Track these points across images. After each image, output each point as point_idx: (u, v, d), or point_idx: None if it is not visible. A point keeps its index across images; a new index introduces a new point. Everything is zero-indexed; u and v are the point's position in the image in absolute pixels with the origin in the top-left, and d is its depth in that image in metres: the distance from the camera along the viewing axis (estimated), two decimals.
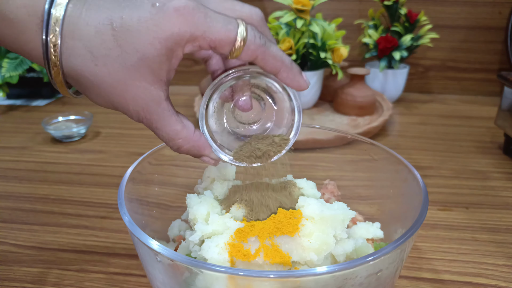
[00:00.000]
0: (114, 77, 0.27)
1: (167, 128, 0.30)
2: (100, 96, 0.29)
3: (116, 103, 0.29)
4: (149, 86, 0.28)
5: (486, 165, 0.70)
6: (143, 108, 0.29)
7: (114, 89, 0.28)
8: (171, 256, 0.26)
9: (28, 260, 0.46)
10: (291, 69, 0.31)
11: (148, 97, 0.29)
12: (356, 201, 0.45)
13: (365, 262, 0.25)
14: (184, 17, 0.26)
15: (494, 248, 0.48)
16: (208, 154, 0.33)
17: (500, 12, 1.07)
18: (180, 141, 0.31)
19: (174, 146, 0.31)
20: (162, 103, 0.29)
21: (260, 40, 0.29)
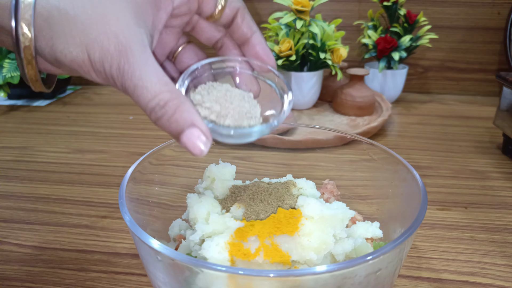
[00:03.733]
0: (97, 9, 0.24)
1: (154, 76, 0.25)
2: (74, 36, 0.24)
3: (93, 43, 0.24)
4: (133, 25, 0.25)
5: (485, 165, 0.70)
6: (126, 48, 0.24)
7: (95, 22, 0.24)
8: (171, 256, 0.26)
9: (29, 259, 0.46)
10: (262, 38, 0.32)
11: (133, 36, 0.25)
12: (356, 201, 0.46)
13: (365, 261, 0.25)
14: None
15: (493, 247, 0.48)
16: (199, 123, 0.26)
17: (499, 12, 1.07)
18: (167, 94, 0.25)
19: (161, 101, 0.25)
20: (147, 47, 0.25)
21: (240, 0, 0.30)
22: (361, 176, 0.47)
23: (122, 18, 0.25)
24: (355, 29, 1.10)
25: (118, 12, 0.25)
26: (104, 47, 0.24)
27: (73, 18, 0.24)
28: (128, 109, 1.01)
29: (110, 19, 0.24)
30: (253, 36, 0.32)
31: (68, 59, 0.25)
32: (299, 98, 0.92)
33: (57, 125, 0.90)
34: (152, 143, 0.78)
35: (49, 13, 0.24)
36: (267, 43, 0.33)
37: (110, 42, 0.24)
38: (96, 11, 0.24)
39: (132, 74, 0.24)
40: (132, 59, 0.24)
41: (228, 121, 0.29)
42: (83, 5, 0.24)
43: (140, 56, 0.25)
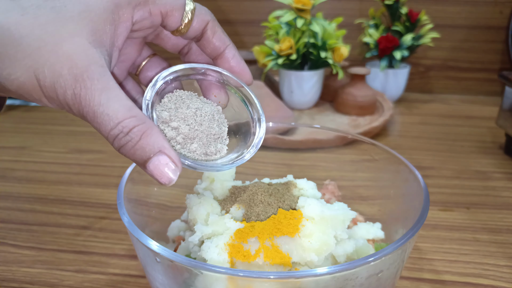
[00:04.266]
0: (47, 28, 0.21)
1: (115, 101, 0.22)
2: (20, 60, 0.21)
3: (43, 66, 0.21)
4: (89, 45, 0.22)
5: (487, 165, 0.69)
6: (82, 71, 0.21)
7: (44, 43, 0.21)
8: (170, 257, 0.25)
9: (27, 260, 0.45)
10: (236, 51, 0.30)
11: (90, 57, 0.22)
12: (357, 202, 0.45)
13: (366, 262, 0.25)
14: None
15: (495, 248, 0.48)
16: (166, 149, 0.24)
17: (501, 11, 1.06)
18: (131, 120, 0.22)
19: (124, 128, 0.22)
20: (106, 69, 0.23)
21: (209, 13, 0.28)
22: (363, 177, 0.47)
23: (76, 38, 0.22)
24: (356, 28, 1.09)
25: (71, 31, 0.22)
26: (56, 71, 0.21)
27: (18, 39, 0.21)
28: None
29: (62, 39, 0.22)
30: (226, 49, 0.30)
31: (14, 85, 0.22)
32: (300, 97, 0.92)
33: (55, 125, 0.90)
34: None
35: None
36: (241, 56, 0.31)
37: (63, 65, 0.21)
38: (45, 31, 0.22)
39: (91, 100, 0.22)
40: (90, 83, 0.22)
41: (195, 145, 0.28)
42: (31, 24, 0.21)
43: (99, 79, 0.22)
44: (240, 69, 0.30)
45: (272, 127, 0.63)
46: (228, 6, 1.16)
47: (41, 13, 0.22)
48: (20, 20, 0.21)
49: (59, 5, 0.22)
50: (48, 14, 0.22)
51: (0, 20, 0.21)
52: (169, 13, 0.26)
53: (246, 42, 1.18)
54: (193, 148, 0.28)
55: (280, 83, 0.93)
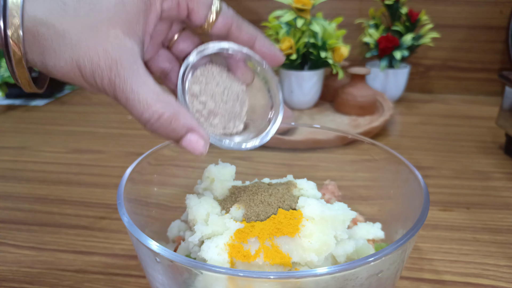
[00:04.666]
0: (85, 22, 0.24)
1: (145, 88, 0.25)
2: (63, 52, 0.24)
3: (83, 58, 0.24)
4: (124, 36, 0.25)
5: (487, 166, 0.69)
6: (117, 62, 0.24)
7: (84, 37, 0.24)
8: (170, 257, 0.25)
9: (27, 260, 0.45)
10: (265, 40, 0.31)
11: (123, 49, 0.25)
12: (357, 202, 0.45)
13: (366, 263, 0.25)
14: None
15: (495, 248, 0.48)
16: (195, 128, 0.27)
17: (501, 11, 1.06)
18: (160, 106, 0.25)
19: (154, 114, 0.25)
20: (138, 58, 0.25)
21: (234, 12, 0.30)
22: (363, 177, 0.47)
23: (112, 31, 0.25)
24: (357, 28, 1.09)
25: (107, 25, 0.25)
26: (94, 62, 0.24)
27: (61, 33, 0.24)
28: None
29: (99, 33, 0.24)
30: (256, 42, 0.32)
31: (59, 73, 0.25)
32: (300, 97, 0.92)
33: (55, 125, 0.90)
34: (151, 143, 0.78)
35: (37, 28, 0.24)
36: None
37: (100, 57, 0.24)
38: (84, 25, 0.24)
39: (124, 87, 0.25)
40: (122, 72, 0.24)
41: (217, 120, 0.30)
42: (72, 19, 0.24)
43: (130, 68, 0.25)
44: (272, 53, 0.32)
45: None
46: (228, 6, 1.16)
47: (81, 8, 0.24)
48: (63, 15, 0.24)
49: (96, 5, 0.24)
50: (87, 8, 0.24)
51: (46, 16, 0.24)
52: (195, 8, 0.28)
53: None
54: (215, 123, 0.30)
55: (280, 83, 0.93)
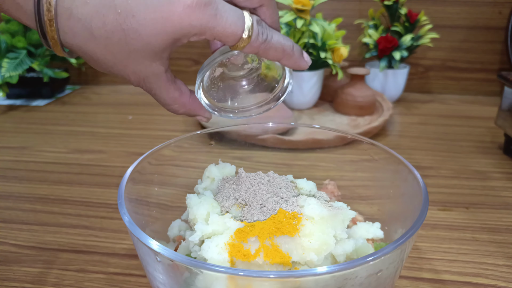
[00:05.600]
0: (116, 56, 0.28)
1: (165, 95, 0.32)
2: (99, 67, 0.29)
3: (116, 73, 0.30)
4: (150, 63, 0.29)
5: (486, 165, 0.70)
6: (143, 79, 0.30)
7: (115, 65, 0.29)
8: (171, 256, 0.26)
9: (28, 260, 0.45)
10: (291, 56, 0.32)
11: (149, 72, 0.30)
12: (356, 201, 0.45)
13: (365, 262, 0.25)
14: (195, 14, 0.26)
15: (494, 248, 0.48)
16: (202, 113, 0.36)
17: (500, 12, 1.07)
18: (177, 106, 0.33)
19: (171, 110, 0.34)
20: (162, 75, 0.31)
21: (263, 36, 0.30)
22: (362, 177, 0.47)
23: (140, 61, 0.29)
24: (356, 29, 1.10)
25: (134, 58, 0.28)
26: (125, 77, 0.30)
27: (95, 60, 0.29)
28: (127, 109, 1.01)
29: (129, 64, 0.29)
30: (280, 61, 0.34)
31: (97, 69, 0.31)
32: (300, 97, 0.92)
33: (56, 125, 0.90)
34: (151, 143, 0.78)
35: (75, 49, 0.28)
36: None
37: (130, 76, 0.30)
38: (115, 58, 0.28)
39: (149, 92, 0.32)
40: (149, 85, 0.31)
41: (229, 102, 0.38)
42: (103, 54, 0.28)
43: (154, 83, 0.31)
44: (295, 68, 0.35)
45: (272, 127, 0.64)
46: None
47: (111, 44, 0.27)
48: (94, 49, 0.27)
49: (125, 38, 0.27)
50: (115, 45, 0.27)
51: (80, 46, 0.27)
52: (223, 40, 0.29)
53: None
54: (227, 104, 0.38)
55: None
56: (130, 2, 0.25)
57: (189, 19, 0.26)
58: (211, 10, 0.27)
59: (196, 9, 0.26)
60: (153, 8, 0.26)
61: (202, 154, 0.47)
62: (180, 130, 0.87)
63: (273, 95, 0.38)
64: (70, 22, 0.26)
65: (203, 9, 0.26)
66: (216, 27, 0.27)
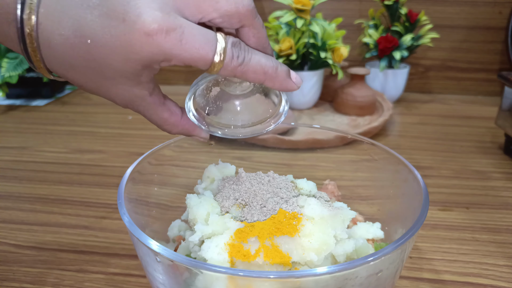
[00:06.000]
0: (96, 83, 0.29)
1: (154, 117, 0.32)
2: (86, 90, 0.30)
3: (103, 96, 0.30)
4: (130, 88, 0.29)
5: (486, 165, 0.70)
6: (129, 102, 0.30)
7: (99, 89, 0.29)
8: (170, 257, 0.26)
9: (28, 260, 0.45)
10: (275, 78, 0.30)
11: (132, 95, 0.30)
12: (357, 201, 0.45)
13: (366, 262, 0.25)
14: (155, 42, 0.25)
15: (495, 248, 0.48)
16: (197, 134, 0.35)
17: (501, 12, 1.07)
18: (168, 126, 0.33)
19: (164, 130, 0.34)
20: (146, 98, 0.30)
21: (238, 59, 0.28)
22: (362, 177, 0.47)
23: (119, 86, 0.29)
24: (356, 28, 1.10)
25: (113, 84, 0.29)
26: (111, 100, 0.30)
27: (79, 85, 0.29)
28: (127, 109, 1.01)
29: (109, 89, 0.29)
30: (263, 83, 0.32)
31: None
32: (300, 97, 0.92)
33: (55, 125, 0.90)
34: (151, 143, 0.78)
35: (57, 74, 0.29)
36: None
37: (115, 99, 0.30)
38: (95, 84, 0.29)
39: (138, 112, 0.32)
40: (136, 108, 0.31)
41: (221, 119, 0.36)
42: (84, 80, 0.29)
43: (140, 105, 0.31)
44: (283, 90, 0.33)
45: None
46: None
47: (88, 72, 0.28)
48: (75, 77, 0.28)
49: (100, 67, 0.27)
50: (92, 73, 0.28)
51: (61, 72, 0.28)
52: (193, 65, 0.28)
53: None
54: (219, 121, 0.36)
55: None
56: (98, 32, 0.25)
57: (149, 48, 0.25)
58: (175, 36, 0.25)
59: (156, 37, 0.25)
60: (116, 37, 0.25)
61: (202, 154, 0.47)
62: None
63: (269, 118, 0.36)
64: (51, 52, 0.27)
65: (164, 36, 0.25)
66: (183, 53, 0.26)
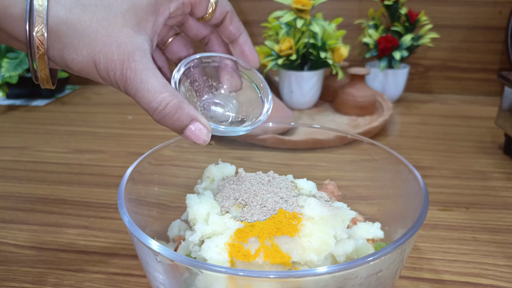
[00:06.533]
0: (102, 23, 0.27)
1: (154, 79, 0.28)
2: (81, 48, 0.27)
3: (99, 53, 0.27)
4: (134, 34, 0.28)
5: (486, 165, 0.70)
6: (128, 56, 0.27)
7: (100, 35, 0.27)
8: (171, 257, 0.26)
9: (28, 260, 0.45)
10: (249, 38, 0.35)
11: (134, 45, 0.28)
12: (357, 201, 0.45)
13: (366, 262, 0.25)
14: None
15: (495, 248, 0.48)
16: (199, 118, 0.30)
17: (501, 12, 1.07)
18: (167, 94, 0.28)
19: (162, 102, 0.28)
20: (147, 53, 0.29)
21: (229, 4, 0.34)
22: (362, 177, 0.47)
23: (124, 30, 0.28)
24: (356, 28, 1.10)
25: (120, 25, 0.28)
26: (109, 57, 0.27)
27: (81, 32, 0.27)
28: (127, 109, 1.01)
29: (113, 32, 0.27)
30: (240, 36, 0.35)
31: (77, 67, 0.28)
32: (300, 97, 0.92)
33: (55, 125, 0.90)
34: (151, 143, 0.78)
35: (59, 27, 0.27)
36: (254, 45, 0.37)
37: (114, 52, 0.27)
38: (101, 25, 0.27)
39: (134, 79, 0.28)
40: (133, 65, 0.28)
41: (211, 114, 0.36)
42: (90, 19, 0.27)
43: (140, 62, 0.28)
44: (250, 53, 0.36)
45: (272, 127, 0.64)
46: None
47: (98, 10, 0.27)
48: (82, 16, 0.27)
49: (112, 3, 0.28)
50: (103, 11, 0.27)
51: (67, 16, 0.27)
52: (197, 3, 0.32)
53: None
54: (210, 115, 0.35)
55: (280, 84, 0.94)
56: None
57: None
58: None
59: None
60: None
61: (202, 154, 0.47)
62: None
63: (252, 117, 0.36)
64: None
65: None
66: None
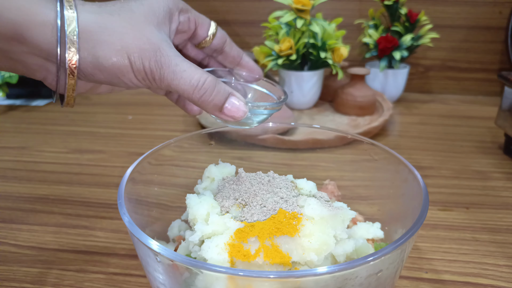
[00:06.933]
0: (129, 21, 0.30)
1: (187, 62, 0.31)
2: (114, 42, 0.29)
3: (131, 45, 0.30)
4: (157, 31, 0.31)
5: (486, 165, 0.70)
6: (159, 46, 0.30)
7: (130, 30, 0.30)
8: (171, 257, 0.26)
9: (28, 260, 0.45)
10: (247, 56, 0.40)
11: (160, 38, 0.31)
12: (356, 201, 0.45)
13: (365, 262, 0.25)
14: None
15: (495, 248, 0.48)
16: (234, 92, 0.33)
17: (501, 12, 1.07)
18: (202, 72, 0.31)
19: (201, 78, 0.31)
20: (172, 46, 0.32)
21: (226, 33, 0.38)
22: (362, 177, 0.47)
23: (149, 27, 0.31)
24: (356, 28, 1.10)
25: (144, 24, 0.31)
26: (142, 47, 0.30)
27: (111, 29, 0.29)
28: (127, 109, 1.01)
29: (140, 29, 0.30)
30: (242, 59, 0.40)
31: (109, 63, 0.30)
32: (300, 97, 0.92)
33: (55, 125, 0.90)
34: (151, 143, 0.78)
35: (90, 27, 0.29)
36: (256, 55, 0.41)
37: (145, 43, 0.30)
38: (128, 24, 0.30)
39: (169, 63, 0.30)
40: (166, 52, 0.30)
41: None
42: (117, 21, 0.30)
43: (171, 49, 0.31)
44: (255, 68, 0.41)
45: (272, 127, 0.64)
46: (228, 7, 1.17)
47: (122, 13, 0.30)
48: (110, 18, 0.30)
49: (133, 9, 0.31)
50: (127, 14, 0.30)
51: (97, 19, 0.29)
52: (201, 23, 0.36)
53: (246, 42, 1.18)
54: None
55: (280, 84, 0.94)
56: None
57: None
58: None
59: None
60: None
61: (202, 154, 0.47)
62: (180, 130, 0.87)
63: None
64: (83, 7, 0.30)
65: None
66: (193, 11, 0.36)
